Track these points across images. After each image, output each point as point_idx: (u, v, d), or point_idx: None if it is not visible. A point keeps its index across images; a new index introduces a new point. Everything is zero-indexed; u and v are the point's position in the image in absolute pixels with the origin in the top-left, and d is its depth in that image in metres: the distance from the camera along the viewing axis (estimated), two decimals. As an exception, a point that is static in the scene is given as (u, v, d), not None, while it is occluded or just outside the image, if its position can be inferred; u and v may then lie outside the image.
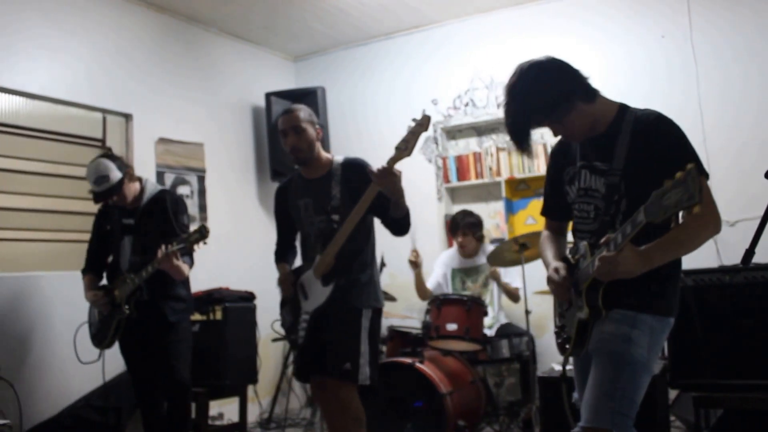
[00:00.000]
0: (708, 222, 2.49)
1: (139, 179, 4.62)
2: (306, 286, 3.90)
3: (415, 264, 5.86)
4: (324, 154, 4.00)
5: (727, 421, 4.29)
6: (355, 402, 3.76)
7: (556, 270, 2.77)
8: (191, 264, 4.49)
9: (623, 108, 2.71)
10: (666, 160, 2.23)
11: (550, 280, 2.79)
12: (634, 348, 2.57)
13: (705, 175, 2.46)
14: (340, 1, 6.55)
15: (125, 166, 4.48)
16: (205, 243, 4.16)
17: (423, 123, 3.50)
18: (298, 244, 4.25)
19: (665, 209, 2.14)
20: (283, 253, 4.21)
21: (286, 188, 4.14)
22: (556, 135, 2.75)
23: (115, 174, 4.37)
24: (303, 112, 3.92)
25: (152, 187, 4.63)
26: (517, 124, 2.67)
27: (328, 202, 3.85)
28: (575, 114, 2.64)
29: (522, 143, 2.70)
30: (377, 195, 3.61)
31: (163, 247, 4.17)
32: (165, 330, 4.45)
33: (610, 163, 2.64)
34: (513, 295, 5.96)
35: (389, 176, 3.49)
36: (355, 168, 3.90)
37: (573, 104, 2.62)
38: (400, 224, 3.81)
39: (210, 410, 5.57)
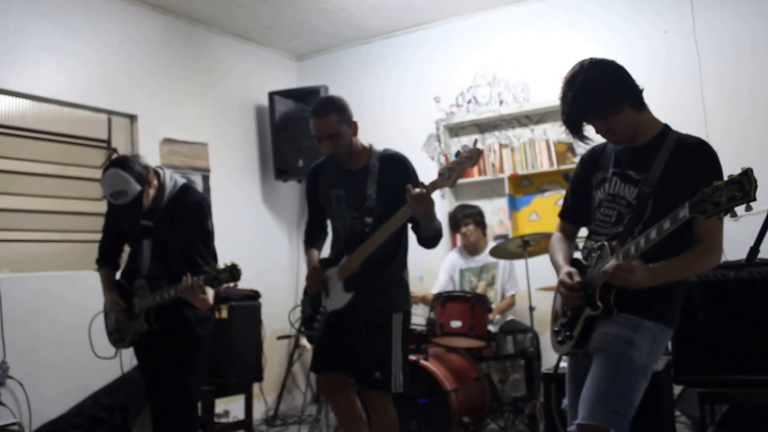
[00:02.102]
0: (714, 256, 2.65)
1: (157, 174, 4.03)
2: (329, 283, 3.75)
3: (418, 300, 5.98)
4: (361, 145, 3.78)
5: (732, 416, 4.31)
6: (390, 408, 3.67)
7: (569, 275, 2.81)
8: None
9: (667, 127, 2.82)
10: (699, 184, 2.30)
11: (562, 284, 2.82)
12: (634, 351, 2.64)
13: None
14: (342, 1, 6.57)
15: (144, 171, 3.90)
16: (235, 285, 3.79)
17: (472, 157, 3.28)
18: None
19: (716, 205, 2.21)
20: (312, 237, 4.02)
21: (318, 171, 3.93)
22: (598, 132, 2.82)
23: (134, 188, 3.81)
24: (336, 113, 3.62)
25: (171, 183, 4.09)
26: (572, 112, 2.76)
27: (362, 202, 3.66)
28: (622, 116, 2.72)
29: (574, 130, 2.81)
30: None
31: (189, 277, 3.75)
32: (192, 344, 4.08)
33: (645, 174, 2.73)
34: (509, 306, 6.08)
35: (426, 203, 3.34)
36: (394, 165, 3.71)
37: (622, 106, 2.71)
38: (427, 242, 3.67)
39: (216, 408, 5.59)
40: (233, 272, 3.67)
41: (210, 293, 3.92)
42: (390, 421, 3.69)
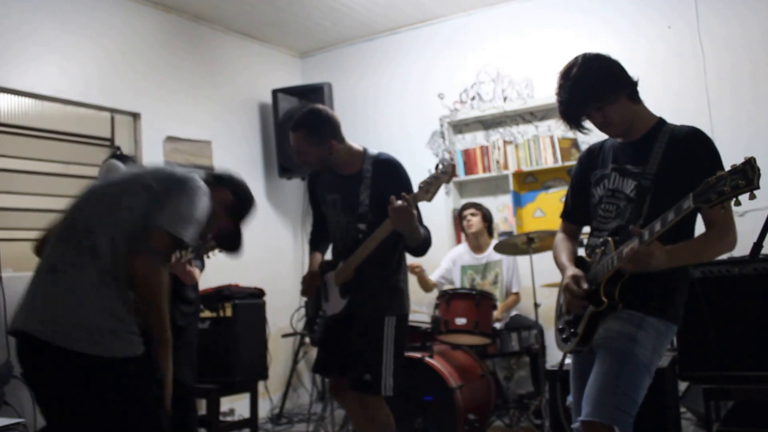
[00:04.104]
0: (729, 237, 2.65)
1: None
2: (328, 287, 3.78)
3: (416, 271, 5.87)
4: (352, 149, 3.76)
5: (737, 412, 4.30)
6: (382, 411, 3.66)
7: (576, 280, 2.79)
8: (202, 267, 4.44)
9: (662, 120, 2.84)
10: (697, 172, 2.33)
11: (567, 290, 2.81)
12: (638, 348, 2.64)
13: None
14: (345, -3, 6.58)
15: None
16: (221, 250, 3.95)
17: (447, 172, 3.29)
18: None
19: (720, 194, 2.22)
20: (317, 240, 4.05)
21: (317, 174, 3.95)
22: (595, 124, 2.83)
23: None
24: (302, 132, 3.67)
25: None
26: (570, 102, 2.79)
27: (356, 207, 3.67)
28: (618, 106, 2.74)
29: (572, 121, 2.83)
30: None
31: (177, 251, 4.01)
32: (173, 334, 4.32)
33: (643, 166, 2.74)
34: (514, 303, 6.05)
35: (407, 217, 3.33)
36: (386, 170, 3.69)
37: (618, 96, 2.74)
38: (413, 251, 3.67)
39: (221, 406, 5.60)
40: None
41: (196, 272, 4.22)
42: (383, 423, 3.67)
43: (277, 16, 6.88)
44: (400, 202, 3.31)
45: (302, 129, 3.65)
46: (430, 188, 3.31)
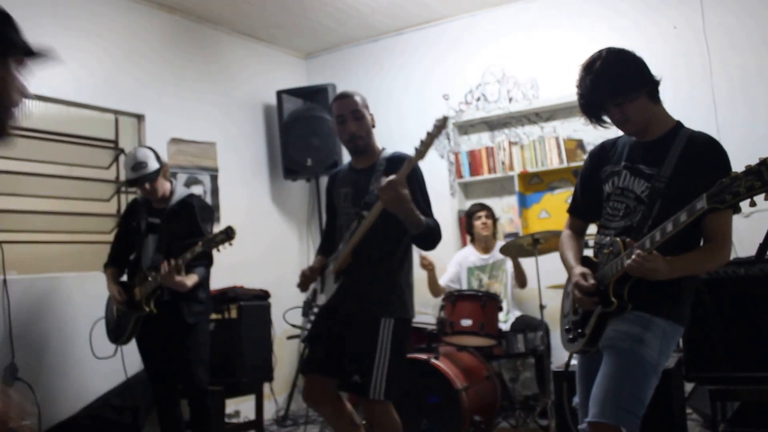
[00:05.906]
0: (723, 253, 2.67)
1: (171, 181, 4.72)
2: (325, 278, 3.75)
3: (427, 267, 5.85)
4: (375, 145, 3.83)
5: (743, 413, 4.29)
6: (390, 419, 3.53)
7: (584, 276, 2.78)
8: (210, 263, 4.58)
9: (679, 124, 2.83)
10: (710, 181, 2.32)
11: (577, 287, 2.79)
12: (645, 349, 2.63)
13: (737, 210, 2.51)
14: (349, -2, 6.57)
15: (162, 163, 4.58)
16: (231, 244, 4.18)
17: (439, 125, 3.38)
18: None
19: (735, 195, 2.24)
20: (326, 246, 3.99)
21: (335, 175, 3.98)
22: (613, 119, 2.82)
23: (153, 164, 4.48)
24: (359, 97, 3.73)
25: (182, 190, 4.75)
26: (590, 97, 2.78)
27: (364, 197, 3.64)
28: (638, 104, 2.73)
29: (591, 115, 2.83)
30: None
31: (165, 263, 4.24)
32: (183, 332, 4.49)
33: (657, 168, 2.73)
34: (521, 279, 6.02)
35: (392, 191, 3.27)
36: (398, 163, 3.55)
37: (639, 95, 2.73)
38: (418, 241, 3.57)
39: (226, 408, 5.60)
40: (228, 232, 4.15)
41: (192, 278, 4.40)
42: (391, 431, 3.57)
43: (282, 17, 6.88)
44: (391, 176, 3.30)
45: (357, 95, 3.75)
46: (423, 147, 3.36)
